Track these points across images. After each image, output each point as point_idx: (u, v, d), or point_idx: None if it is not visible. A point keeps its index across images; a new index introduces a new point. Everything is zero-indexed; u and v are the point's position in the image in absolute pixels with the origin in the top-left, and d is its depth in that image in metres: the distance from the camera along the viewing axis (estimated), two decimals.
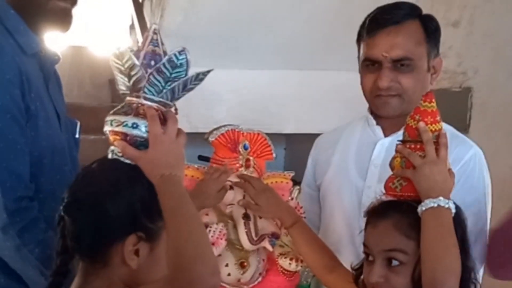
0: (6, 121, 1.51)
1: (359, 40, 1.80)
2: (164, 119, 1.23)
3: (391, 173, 1.46)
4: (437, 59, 1.77)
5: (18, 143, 1.52)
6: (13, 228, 1.48)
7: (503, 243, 1.65)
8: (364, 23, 1.78)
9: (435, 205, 1.32)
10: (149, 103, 1.22)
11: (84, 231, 1.18)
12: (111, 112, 1.26)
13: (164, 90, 1.22)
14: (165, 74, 1.21)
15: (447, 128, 1.76)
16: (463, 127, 3.21)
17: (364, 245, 1.42)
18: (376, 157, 1.76)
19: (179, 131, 1.24)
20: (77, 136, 1.81)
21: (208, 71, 1.24)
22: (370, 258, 1.40)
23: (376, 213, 1.41)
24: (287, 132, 4.51)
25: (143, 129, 1.22)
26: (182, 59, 1.22)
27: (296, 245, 1.70)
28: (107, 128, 1.25)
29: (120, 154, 1.24)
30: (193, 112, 4.30)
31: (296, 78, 4.30)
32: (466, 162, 1.69)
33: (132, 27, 4.48)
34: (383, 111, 1.75)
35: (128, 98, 1.25)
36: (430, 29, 1.75)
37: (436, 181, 1.35)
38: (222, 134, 1.78)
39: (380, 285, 1.36)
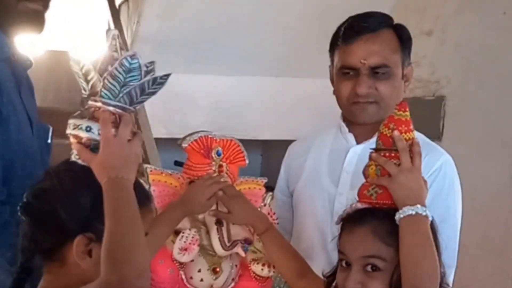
0: None
1: (332, 48, 1.82)
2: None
3: (363, 180, 1.47)
4: (409, 67, 1.81)
5: None
6: None
7: None
8: (338, 31, 1.81)
9: (413, 212, 1.34)
10: (106, 107, 1.23)
11: (37, 231, 1.22)
12: (72, 115, 1.27)
13: (121, 94, 1.23)
14: (118, 79, 1.22)
15: (418, 135, 1.78)
16: (436, 135, 3.26)
17: (340, 251, 1.43)
18: (348, 164, 1.78)
19: (135, 134, 1.25)
20: (49, 141, 1.80)
21: (167, 75, 1.26)
22: (344, 264, 1.41)
23: (353, 220, 1.42)
24: (263, 139, 4.53)
25: (96, 132, 1.24)
26: (135, 63, 1.23)
27: (267, 252, 1.71)
28: (67, 131, 1.27)
29: (77, 157, 1.27)
30: (169, 118, 4.30)
31: (272, 85, 4.32)
32: (437, 169, 1.72)
33: (108, 32, 4.46)
34: (360, 118, 1.77)
35: (89, 102, 1.26)
36: (404, 37, 1.78)
37: (412, 189, 1.37)
38: (195, 140, 1.78)
39: None
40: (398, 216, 1.35)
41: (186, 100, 4.27)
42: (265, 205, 1.84)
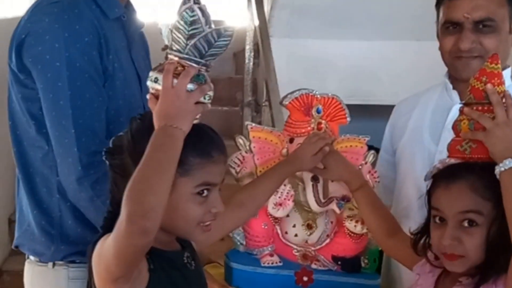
0: (84, 80, 1.61)
1: (438, 4, 1.77)
2: None
3: None
4: None
5: (95, 102, 1.62)
6: (87, 180, 1.59)
7: None
8: None
9: None
10: (173, 58, 1.26)
11: (115, 175, 1.30)
12: (152, 68, 1.33)
13: (188, 47, 1.25)
14: (182, 31, 1.24)
15: None
16: None
17: (434, 208, 1.41)
18: (450, 122, 1.69)
19: (199, 87, 1.25)
20: None
21: (231, 28, 1.26)
22: (438, 220, 1.39)
23: (448, 175, 1.40)
24: None
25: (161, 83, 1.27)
26: (194, 15, 1.24)
27: (359, 209, 1.70)
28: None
29: None
30: (308, 83, 4.31)
31: (413, 49, 4.19)
32: None
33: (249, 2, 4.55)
34: (463, 73, 1.71)
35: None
36: None
37: (511, 141, 1.34)
38: (296, 98, 1.79)
39: (453, 247, 1.36)
40: (498, 169, 1.32)
41: (323, 65, 4.27)
42: (366, 163, 1.82)
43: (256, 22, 4.15)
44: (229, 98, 4.67)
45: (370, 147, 1.87)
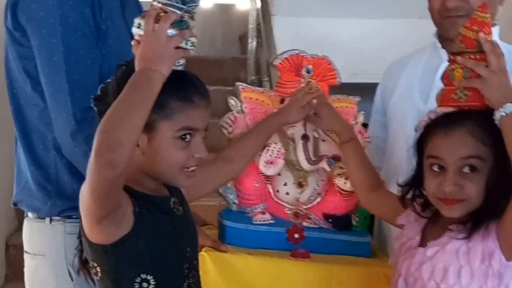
0: (77, 37, 1.65)
1: None
2: None
3: None
4: None
5: (88, 58, 1.67)
6: (81, 134, 1.63)
7: None
8: None
9: None
10: (157, 4, 1.29)
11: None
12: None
13: None
14: None
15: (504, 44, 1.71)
16: None
17: (432, 156, 1.42)
18: (439, 80, 1.72)
19: (180, 32, 1.29)
20: None
21: None
22: (437, 168, 1.41)
23: (445, 123, 1.41)
24: None
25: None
26: None
27: (346, 162, 1.74)
28: None
29: None
30: None
31: (416, 27, 4.17)
32: None
33: None
34: (451, 31, 1.74)
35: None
36: None
37: (507, 87, 1.37)
38: (286, 58, 1.81)
39: (454, 194, 1.38)
40: (499, 114, 1.34)
41: (327, 43, 4.26)
42: (356, 123, 1.85)
43: (259, 3, 4.17)
44: (233, 78, 4.69)
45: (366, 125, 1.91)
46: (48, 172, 1.74)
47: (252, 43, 4.45)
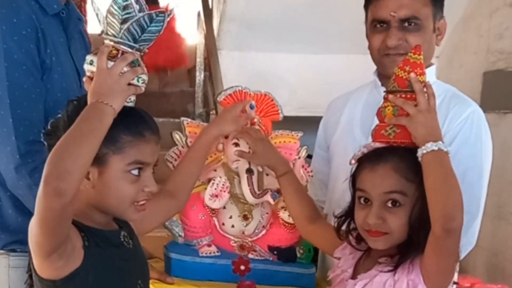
0: (21, 72, 1.66)
1: (366, 5, 1.86)
2: None
3: None
4: (442, 21, 1.83)
5: (32, 93, 1.68)
6: (25, 168, 1.63)
7: None
8: None
9: (436, 148, 1.37)
10: (108, 42, 1.32)
11: None
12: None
13: (121, 31, 1.31)
14: (116, 16, 1.30)
15: (449, 87, 1.79)
16: None
17: (359, 189, 1.47)
18: None
19: (132, 69, 1.32)
20: None
21: (162, 12, 1.32)
22: (363, 201, 1.46)
23: (373, 158, 1.46)
24: None
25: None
26: (127, 0, 1.30)
27: (283, 194, 1.76)
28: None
29: None
30: None
31: (360, 62, 4.29)
32: (464, 118, 1.72)
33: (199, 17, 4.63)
34: (390, 69, 1.76)
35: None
36: None
37: (432, 127, 1.42)
38: (230, 94, 1.84)
39: (378, 226, 1.42)
40: (421, 152, 1.38)
41: (273, 78, 4.34)
42: (299, 158, 1.88)
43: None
44: (181, 111, 4.73)
45: (310, 156, 1.96)
46: None
47: (200, 76, 4.49)
